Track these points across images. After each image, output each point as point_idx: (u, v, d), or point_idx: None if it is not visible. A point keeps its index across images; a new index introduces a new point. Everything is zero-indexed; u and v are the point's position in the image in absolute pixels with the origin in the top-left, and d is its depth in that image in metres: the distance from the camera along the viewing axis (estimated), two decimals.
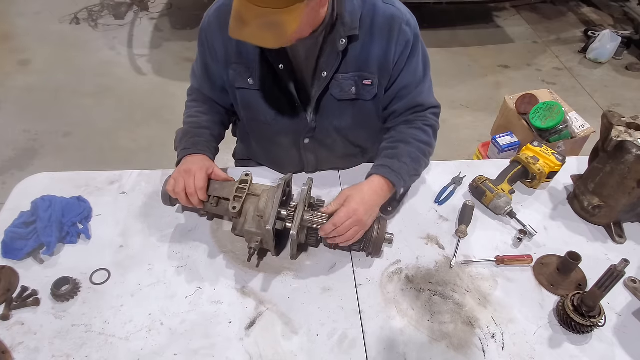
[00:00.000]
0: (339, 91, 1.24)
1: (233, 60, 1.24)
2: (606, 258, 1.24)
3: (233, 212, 1.12)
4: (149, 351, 1.00)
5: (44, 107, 3.33)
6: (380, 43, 1.18)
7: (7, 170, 2.82)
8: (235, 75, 1.26)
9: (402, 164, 1.21)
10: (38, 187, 1.33)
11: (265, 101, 1.28)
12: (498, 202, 1.32)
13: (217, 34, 1.22)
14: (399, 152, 1.23)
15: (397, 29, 1.18)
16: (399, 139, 1.26)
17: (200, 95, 1.38)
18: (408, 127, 1.29)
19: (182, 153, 1.24)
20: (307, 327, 1.06)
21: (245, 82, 1.26)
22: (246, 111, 1.34)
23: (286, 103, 1.27)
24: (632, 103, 3.65)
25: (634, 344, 1.05)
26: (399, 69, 1.23)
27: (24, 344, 1.00)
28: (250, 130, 1.42)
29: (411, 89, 1.27)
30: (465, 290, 1.15)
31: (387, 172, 1.18)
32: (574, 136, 2.49)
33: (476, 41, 4.34)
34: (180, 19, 4.51)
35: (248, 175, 1.18)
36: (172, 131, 1.32)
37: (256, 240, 1.11)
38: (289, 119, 1.31)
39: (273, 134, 1.37)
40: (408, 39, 1.20)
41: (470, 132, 3.24)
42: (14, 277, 1.12)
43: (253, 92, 1.27)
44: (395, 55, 1.20)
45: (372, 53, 1.19)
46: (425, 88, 1.30)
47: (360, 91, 1.25)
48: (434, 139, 1.32)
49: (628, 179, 1.22)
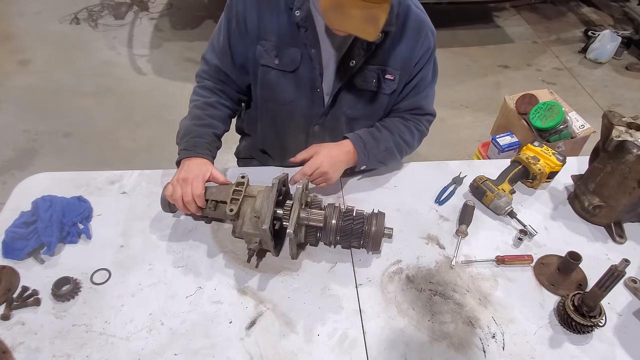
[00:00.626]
0: (361, 81, 1.29)
1: (263, 36, 1.24)
2: (606, 258, 1.24)
3: (230, 215, 1.12)
4: (149, 351, 1.00)
5: (44, 107, 3.33)
6: (408, 42, 1.26)
7: (7, 170, 2.82)
8: (262, 52, 1.26)
9: (375, 147, 1.32)
10: (38, 187, 1.33)
11: (287, 82, 1.30)
12: (498, 202, 1.32)
13: (251, 8, 1.22)
14: (381, 136, 1.34)
15: (424, 34, 1.27)
16: (388, 126, 1.37)
17: (215, 77, 1.35)
18: (401, 122, 1.39)
19: (182, 154, 1.24)
20: (308, 327, 1.06)
21: (271, 60, 1.26)
22: (264, 90, 1.34)
23: (307, 86, 1.30)
24: (632, 103, 3.65)
25: (634, 344, 1.05)
26: (417, 70, 1.32)
27: (25, 344, 1.00)
28: (263, 112, 1.42)
29: (418, 91, 1.37)
30: (466, 290, 1.15)
31: (360, 145, 1.30)
32: (574, 136, 2.49)
33: (476, 41, 4.34)
34: (180, 19, 4.51)
35: (244, 177, 1.18)
36: (172, 131, 1.31)
37: (255, 241, 1.11)
38: (305, 103, 1.33)
39: (286, 117, 1.38)
40: (430, 45, 1.30)
41: (470, 132, 3.24)
42: (14, 277, 1.12)
43: (276, 71, 1.28)
44: (417, 57, 1.29)
45: (399, 50, 1.26)
46: (430, 94, 1.41)
47: (381, 84, 1.31)
48: (417, 142, 1.43)
49: (628, 178, 1.22)
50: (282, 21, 1.21)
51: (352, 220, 1.15)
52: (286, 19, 1.21)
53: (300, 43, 1.23)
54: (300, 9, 1.18)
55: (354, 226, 1.14)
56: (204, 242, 1.23)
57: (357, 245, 1.19)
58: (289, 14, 1.20)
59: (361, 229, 1.14)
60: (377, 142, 1.32)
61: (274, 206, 1.10)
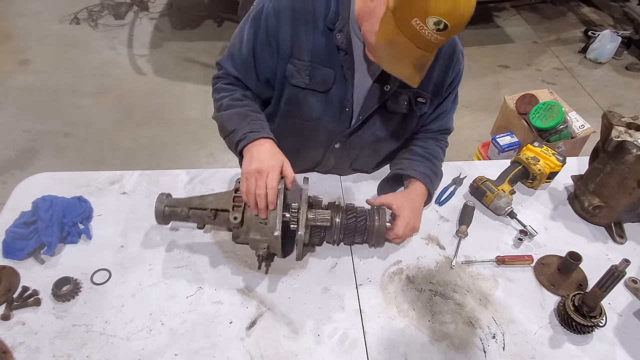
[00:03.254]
0: (394, 104, 1.28)
1: (296, 55, 1.19)
2: (607, 258, 1.24)
3: (234, 223, 1.09)
4: (149, 351, 1.00)
5: (43, 107, 3.33)
6: (441, 66, 1.25)
7: (7, 170, 2.82)
8: (294, 71, 1.21)
9: (435, 179, 1.34)
10: (38, 187, 1.33)
11: (316, 100, 1.26)
12: (498, 202, 1.32)
13: (285, 25, 1.16)
14: (435, 167, 1.36)
15: (456, 58, 1.27)
16: (433, 154, 1.38)
17: (237, 84, 1.28)
18: (436, 144, 1.41)
19: (248, 137, 1.12)
20: (308, 327, 1.06)
21: (302, 80, 1.21)
22: (290, 106, 1.29)
23: (337, 106, 1.27)
24: (632, 103, 3.65)
25: (634, 344, 1.05)
26: (447, 93, 1.33)
27: (25, 344, 1.00)
28: (282, 125, 1.36)
29: (447, 113, 1.40)
30: (466, 290, 1.15)
31: (429, 184, 1.30)
32: (574, 136, 2.49)
33: (476, 41, 4.33)
34: (180, 19, 4.51)
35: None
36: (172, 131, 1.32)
37: (263, 247, 1.09)
38: (332, 120, 1.30)
39: (309, 132, 1.35)
40: (460, 69, 1.30)
41: (470, 132, 3.23)
42: (14, 277, 1.11)
43: (307, 91, 1.24)
44: (449, 81, 1.29)
45: (432, 74, 1.25)
46: (453, 113, 1.44)
47: (412, 107, 1.29)
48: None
49: (628, 179, 1.22)
50: (320, 42, 1.17)
51: (356, 217, 1.16)
52: (324, 40, 1.17)
53: (337, 65, 1.19)
54: (342, 32, 1.14)
55: (358, 223, 1.15)
56: (204, 242, 1.23)
57: (361, 241, 1.20)
58: (327, 35, 1.16)
59: (365, 225, 1.15)
60: (437, 175, 1.36)
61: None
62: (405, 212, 1.20)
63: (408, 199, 1.24)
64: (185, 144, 3.02)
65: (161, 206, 1.14)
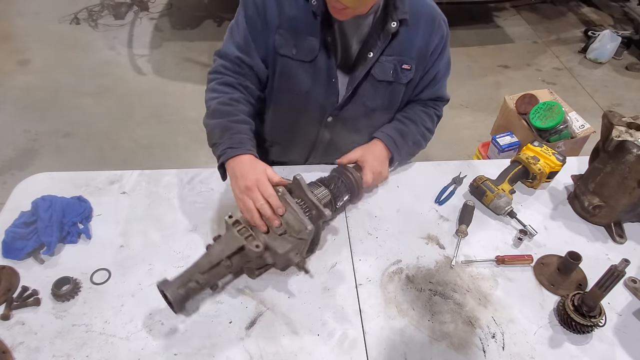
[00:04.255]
0: (380, 72, 1.31)
1: (283, 25, 1.25)
2: (606, 258, 1.24)
3: (259, 251, 1.02)
4: (149, 351, 1.00)
5: (43, 107, 3.33)
6: (423, 32, 1.28)
7: (7, 170, 2.82)
8: (282, 41, 1.26)
9: (405, 143, 1.38)
10: (38, 187, 1.33)
11: (305, 72, 1.30)
12: (498, 202, 1.32)
13: None
14: (408, 130, 1.39)
15: (438, 23, 1.30)
16: (411, 117, 1.42)
17: (234, 73, 1.29)
18: (422, 109, 1.45)
19: (227, 153, 1.14)
20: (308, 327, 1.06)
21: (289, 50, 1.27)
22: (282, 81, 1.34)
23: (324, 76, 1.31)
24: (632, 103, 3.65)
25: (634, 344, 1.05)
26: (433, 60, 1.35)
27: (25, 344, 1.00)
28: (277, 101, 1.40)
29: (438, 80, 1.41)
30: (466, 290, 1.15)
31: (392, 145, 1.36)
32: (574, 136, 2.49)
33: (476, 41, 4.34)
34: (180, 19, 4.51)
35: (232, 217, 1.08)
36: (173, 131, 1.32)
37: (296, 252, 1.06)
38: (321, 92, 1.34)
39: (301, 107, 1.39)
40: (443, 33, 1.32)
41: (470, 132, 3.24)
42: (14, 277, 1.11)
43: (294, 62, 1.29)
44: (432, 46, 1.31)
45: (415, 40, 1.29)
46: (446, 81, 1.45)
47: (399, 74, 1.33)
48: (435, 127, 1.50)
49: (628, 178, 1.22)
50: (301, 10, 1.23)
51: (336, 182, 1.23)
52: (304, 8, 1.22)
53: (317, 32, 1.24)
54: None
55: (339, 187, 1.23)
56: (204, 242, 1.23)
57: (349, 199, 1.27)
58: (306, 2, 1.22)
59: (345, 184, 1.24)
60: (405, 138, 1.38)
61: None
62: (369, 160, 1.29)
63: (369, 150, 1.33)
64: (185, 144, 3.02)
65: (176, 292, 0.98)
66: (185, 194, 1.36)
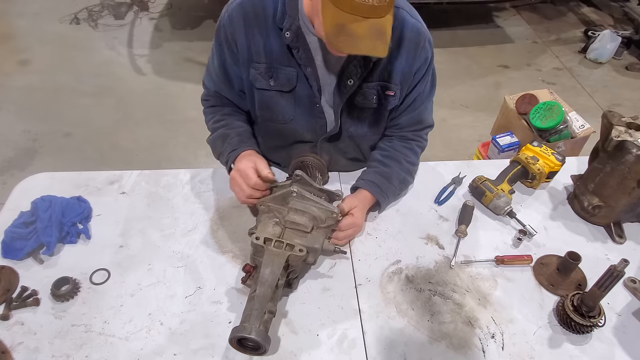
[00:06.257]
0: (361, 99, 1.26)
1: (255, 59, 1.21)
2: (606, 258, 1.24)
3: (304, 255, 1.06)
4: (148, 351, 1.00)
5: (44, 107, 3.33)
6: (406, 56, 1.21)
7: (7, 170, 2.82)
8: (256, 75, 1.22)
9: (390, 186, 1.30)
10: (38, 187, 1.33)
11: (285, 102, 1.27)
12: (498, 202, 1.32)
13: (240, 31, 1.18)
14: (391, 171, 1.32)
15: (422, 45, 1.22)
16: (392, 157, 1.34)
17: (218, 100, 1.36)
18: (402, 144, 1.37)
19: (232, 155, 1.25)
20: (307, 327, 1.06)
21: (266, 82, 1.23)
22: (263, 111, 1.31)
23: (307, 104, 1.27)
24: (632, 103, 3.65)
25: (633, 344, 1.05)
26: (415, 83, 1.28)
27: (24, 344, 1.00)
28: (266, 129, 1.38)
29: (417, 105, 1.32)
30: (465, 290, 1.15)
31: (377, 191, 1.28)
32: (574, 136, 2.49)
33: (476, 41, 4.33)
34: (180, 19, 4.51)
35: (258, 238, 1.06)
36: (172, 131, 1.33)
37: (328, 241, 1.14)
38: (307, 118, 1.30)
39: (290, 133, 1.36)
40: (427, 55, 1.24)
41: (470, 132, 3.23)
42: (13, 277, 1.12)
43: (273, 92, 1.25)
44: (415, 69, 1.24)
45: (397, 65, 1.22)
46: (429, 105, 1.37)
47: (382, 101, 1.27)
48: (419, 159, 1.42)
49: (628, 179, 1.22)
50: (273, 42, 1.18)
51: (307, 169, 1.27)
52: (277, 40, 1.17)
53: (294, 63, 1.19)
54: (290, 30, 1.13)
55: (313, 170, 1.28)
56: (203, 242, 1.23)
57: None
58: (278, 34, 1.16)
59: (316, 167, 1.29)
60: (390, 180, 1.30)
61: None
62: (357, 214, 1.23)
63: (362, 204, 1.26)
64: (185, 144, 3.02)
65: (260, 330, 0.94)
66: (184, 194, 1.36)
